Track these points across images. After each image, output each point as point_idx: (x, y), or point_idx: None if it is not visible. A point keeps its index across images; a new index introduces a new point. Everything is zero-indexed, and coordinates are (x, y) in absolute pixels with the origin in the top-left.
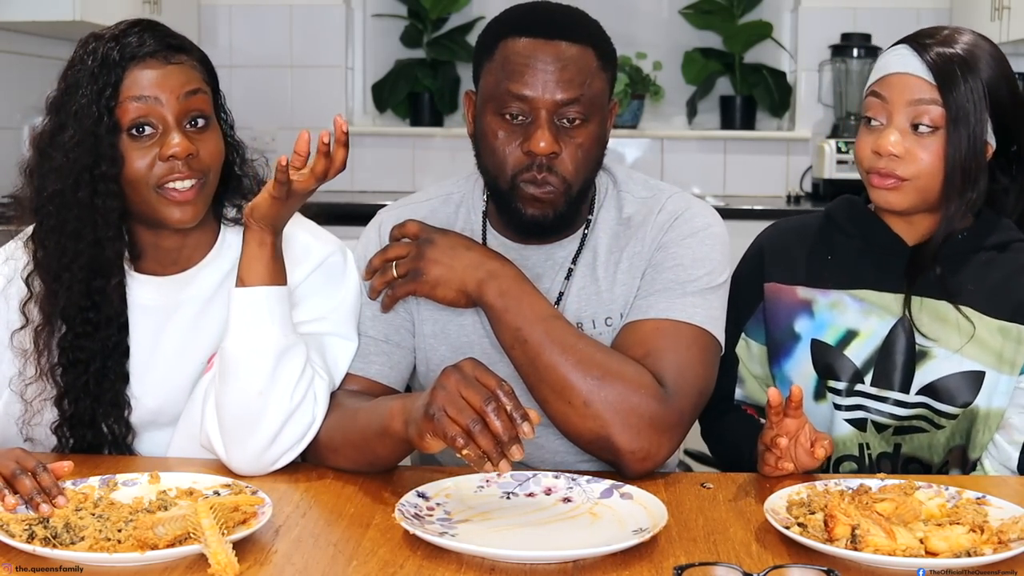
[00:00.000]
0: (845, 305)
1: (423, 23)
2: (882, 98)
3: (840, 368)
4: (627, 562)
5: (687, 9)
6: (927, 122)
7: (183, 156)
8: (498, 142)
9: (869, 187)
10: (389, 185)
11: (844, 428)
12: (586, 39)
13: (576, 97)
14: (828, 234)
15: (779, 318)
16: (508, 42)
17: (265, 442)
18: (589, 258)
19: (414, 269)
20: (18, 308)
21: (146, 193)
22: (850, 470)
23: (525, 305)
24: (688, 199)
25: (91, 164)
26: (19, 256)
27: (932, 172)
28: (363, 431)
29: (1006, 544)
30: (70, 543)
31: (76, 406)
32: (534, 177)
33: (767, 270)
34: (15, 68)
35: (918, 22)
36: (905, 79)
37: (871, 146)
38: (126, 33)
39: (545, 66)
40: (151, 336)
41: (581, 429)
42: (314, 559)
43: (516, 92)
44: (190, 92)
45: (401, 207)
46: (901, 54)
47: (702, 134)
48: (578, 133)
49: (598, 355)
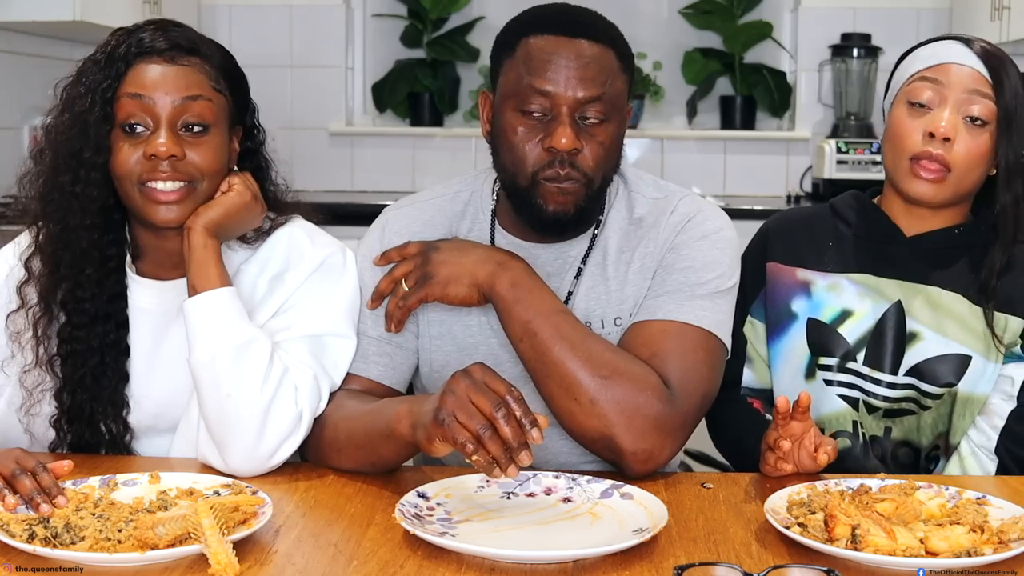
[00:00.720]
0: (842, 288)
1: (423, 23)
2: (936, 82)
3: (833, 344)
4: (627, 562)
5: (687, 9)
6: (979, 114)
7: (164, 157)
8: (517, 138)
9: (907, 176)
10: (389, 185)
11: (837, 404)
12: (607, 40)
13: (598, 95)
14: (831, 223)
15: (777, 297)
16: (530, 39)
17: (251, 440)
18: (599, 257)
19: (423, 275)
20: (15, 290)
21: (130, 189)
22: (844, 447)
23: (535, 298)
24: (700, 201)
25: (77, 150)
26: (23, 241)
27: (975, 166)
28: (368, 433)
29: (1006, 544)
30: (70, 543)
31: (73, 399)
32: (556, 173)
33: (770, 250)
34: (15, 68)
35: (918, 22)
36: (962, 69)
37: (924, 127)
38: (142, 29)
39: (568, 63)
40: (152, 339)
41: (586, 427)
42: (314, 559)
43: (539, 88)
44: (189, 97)
45: (407, 206)
46: (951, 46)
47: (702, 134)
48: (598, 131)
49: (606, 354)
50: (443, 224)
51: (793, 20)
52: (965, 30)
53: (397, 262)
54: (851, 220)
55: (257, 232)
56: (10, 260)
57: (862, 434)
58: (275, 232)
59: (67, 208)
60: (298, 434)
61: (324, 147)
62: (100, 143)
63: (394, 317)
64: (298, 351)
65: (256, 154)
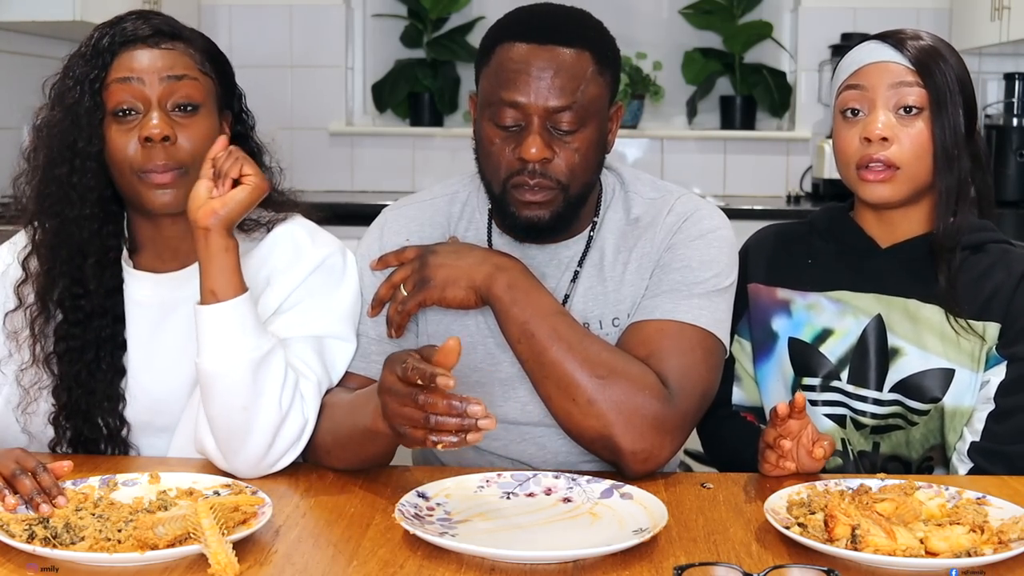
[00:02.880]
0: (822, 307)
1: (423, 23)
2: (861, 88)
3: (815, 364)
4: (627, 562)
5: (687, 9)
6: (912, 102)
7: (159, 138)
8: (494, 148)
9: (859, 184)
10: (389, 185)
11: (824, 423)
12: (583, 43)
13: (568, 104)
14: (809, 240)
15: (760, 317)
16: (503, 48)
17: (260, 451)
18: (596, 258)
19: (420, 279)
20: (12, 290)
21: (129, 177)
22: (835, 465)
23: (533, 299)
24: (696, 201)
25: (71, 142)
26: (20, 240)
27: (920, 155)
28: (351, 433)
29: (1006, 544)
30: (70, 543)
31: (70, 395)
32: (525, 181)
33: (750, 271)
34: (15, 68)
35: (918, 22)
36: (884, 66)
37: (859, 134)
38: (124, 19)
39: (539, 72)
40: (149, 333)
41: (584, 427)
42: (314, 559)
43: (508, 99)
44: (175, 76)
45: (406, 206)
46: (872, 47)
47: (702, 134)
48: (573, 139)
49: (604, 354)
50: (441, 224)
51: (793, 20)
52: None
53: (395, 267)
54: (827, 235)
55: (256, 224)
56: (6, 259)
57: (851, 451)
58: (275, 228)
59: (65, 200)
60: (302, 442)
61: (324, 147)
62: (93, 132)
63: (394, 322)
64: (303, 353)
65: (247, 139)
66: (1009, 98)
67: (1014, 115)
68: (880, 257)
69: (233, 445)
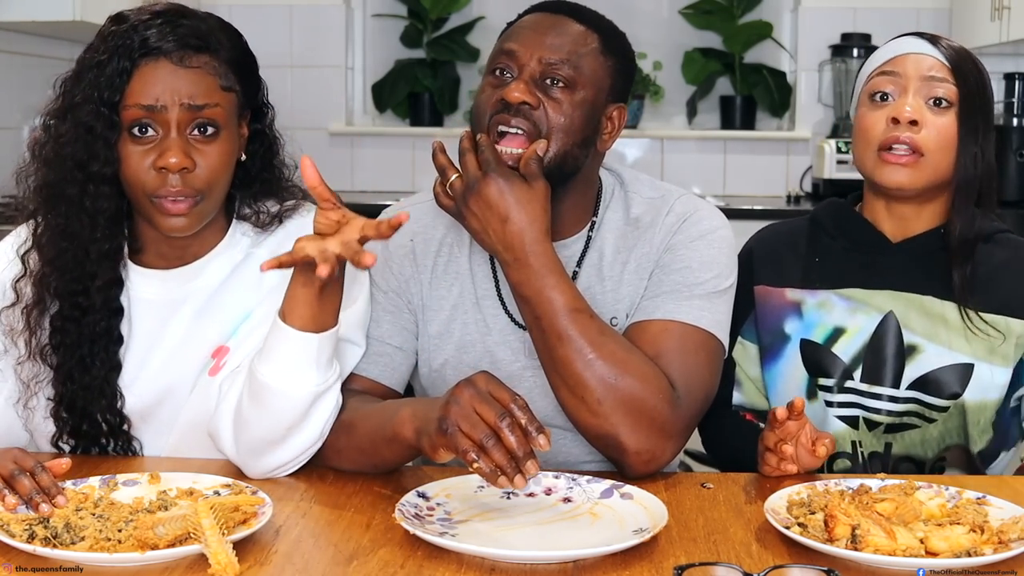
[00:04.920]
0: (832, 304)
1: (423, 23)
2: (895, 74)
3: (829, 365)
4: (627, 562)
5: (687, 9)
6: (943, 95)
7: (176, 170)
8: (482, 96)
9: (878, 167)
10: (389, 185)
11: (837, 425)
12: (594, 25)
13: (561, 59)
14: (815, 237)
15: (769, 320)
16: (520, 19)
17: (282, 461)
18: (595, 259)
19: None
20: (11, 285)
21: (142, 198)
22: (843, 468)
23: (551, 291)
24: (696, 201)
25: (84, 161)
26: (23, 232)
27: (945, 146)
28: (371, 436)
29: (1006, 544)
30: (70, 543)
31: (65, 387)
32: (506, 119)
33: (756, 273)
34: (15, 68)
35: (918, 22)
36: (919, 58)
37: (888, 114)
38: (148, 24)
39: (542, 28)
40: (154, 328)
41: (590, 423)
42: (314, 559)
43: (505, 48)
44: (198, 106)
45: (408, 207)
46: (909, 40)
47: (702, 134)
48: (561, 93)
49: (619, 352)
50: (444, 226)
51: (793, 20)
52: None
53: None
54: (834, 232)
55: (269, 216)
56: (8, 254)
57: (861, 453)
58: (287, 221)
59: (74, 219)
60: (314, 448)
61: (324, 147)
62: (109, 154)
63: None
64: None
65: (264, 134)
66: (1009, 98)
67: (1014, 115)
68: (892, 253)
69: (259, 449)
